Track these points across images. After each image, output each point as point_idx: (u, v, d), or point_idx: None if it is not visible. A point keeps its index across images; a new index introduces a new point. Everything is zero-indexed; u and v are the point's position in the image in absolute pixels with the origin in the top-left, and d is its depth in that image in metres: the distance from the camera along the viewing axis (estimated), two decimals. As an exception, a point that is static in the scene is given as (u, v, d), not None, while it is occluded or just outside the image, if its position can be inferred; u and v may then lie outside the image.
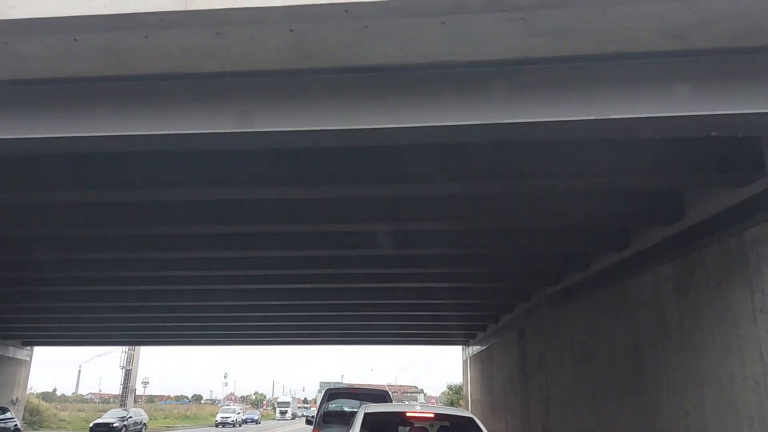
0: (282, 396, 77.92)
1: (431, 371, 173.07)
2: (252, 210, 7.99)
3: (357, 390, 13.22)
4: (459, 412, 6.63)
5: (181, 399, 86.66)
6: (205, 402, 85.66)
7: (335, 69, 4.90)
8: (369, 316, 17.67)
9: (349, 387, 17.90)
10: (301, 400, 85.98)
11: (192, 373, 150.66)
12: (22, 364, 25.79)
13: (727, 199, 6.65)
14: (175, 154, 6.63)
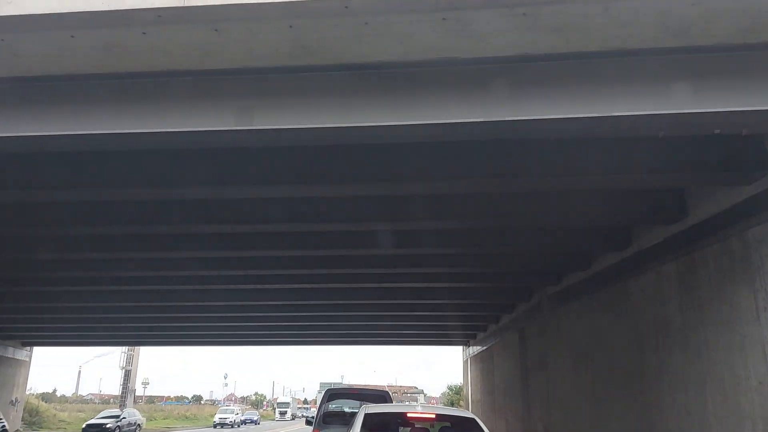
0: (281, 396, 77.74)
1: (431, 372, 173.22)
2: (252, 209, 7.96)
3: (357, 390, 13.18)
4: (460, 413, 6.58)
5: (181, 400, 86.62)
6: (205, 402, 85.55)
7: (335, 66, 4.86)
8: (369, 317, 17.63)
9: (349, 387, 17.83)
10: (301, 400, 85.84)
11: (192, 374, 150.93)
12: (22, 365, 25.76)
13: (730, 198, 6.60)
14: (175, 153, 6.58)
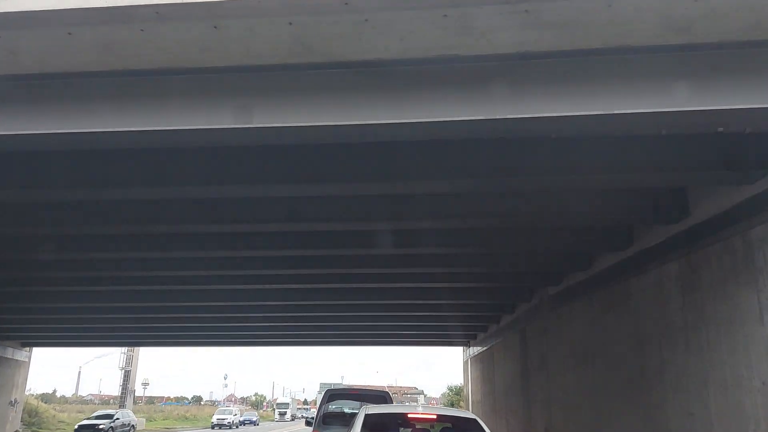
0: (281, 397, 77.56)
1: (431, 372, 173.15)
2: (252, 209, 7.91)
3: (357, 391, 13.13)
4: (462, 414, 6.52)
5: (180, 400, 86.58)
6: (205, 403, 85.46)
7: (335, 63, 4.81)
8: (369, 317, 17.58)
9: (349, 388, 17.76)
10: (301, 401, 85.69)
11: (192, 375, 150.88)
12: (21, 366, 25.69)
13: (732, 197, 6.56)
14: (175, 152, 6.54)
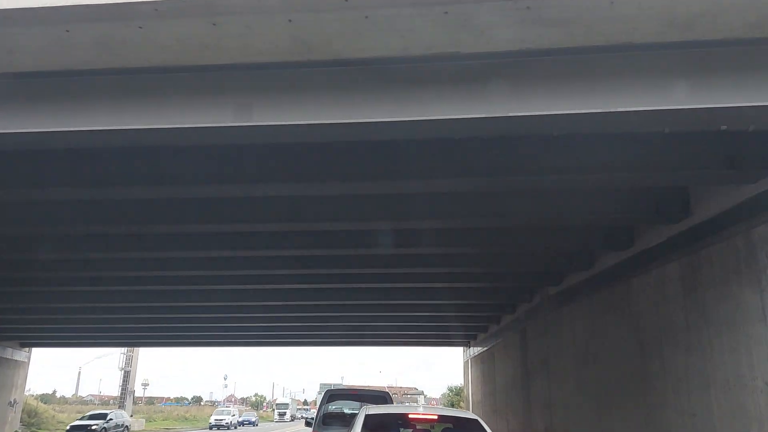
0: (281, 397, 77.43)
1: (431, 373, 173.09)
2: (251, 208, 7.88)
3: (357, 391, 13.06)
4: (463, 414, 6.46)
5: (180, 401, 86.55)
6: (205, 404, 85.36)
7: (335, 61, 4.77)
8: (369, 317, 17.54)
9: (349, 388, 17.68)
10: (301, 401, 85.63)
11: (192, 375, 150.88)
12: (20, 366, 25.65)
13: (734, 196, 6.52)
14: (175, 151, 6.51)
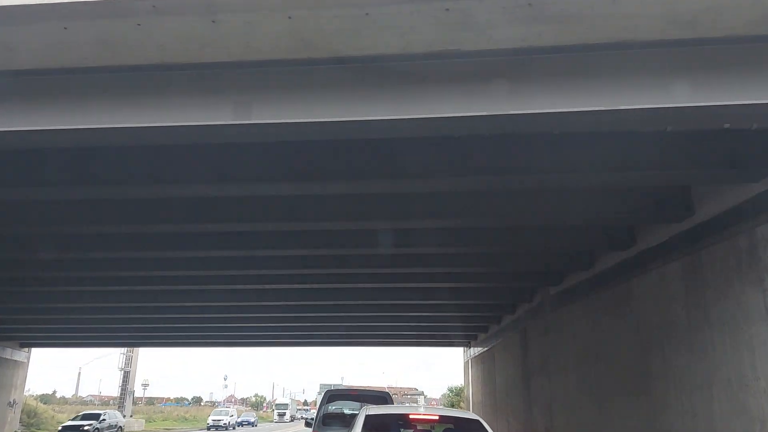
0: (280, 398, 77.29)
1: (431, 373, 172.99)
2: (251, 208, 7.85)
3: (357, 391, 13.01)
4: (464, 414, 6.42)
5: (180, 401, 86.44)
6: (205, 404, 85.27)
7: (335, 59, 4.74)
8: (369, 317, 17.51)
9: (350, 388, 17.64)
10: (301, 401, 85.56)
11: (192, 375, 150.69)
12: (20, 366, 25.63)
13: (737, 195, 6.49)
14: (175, 150, 6.49)
